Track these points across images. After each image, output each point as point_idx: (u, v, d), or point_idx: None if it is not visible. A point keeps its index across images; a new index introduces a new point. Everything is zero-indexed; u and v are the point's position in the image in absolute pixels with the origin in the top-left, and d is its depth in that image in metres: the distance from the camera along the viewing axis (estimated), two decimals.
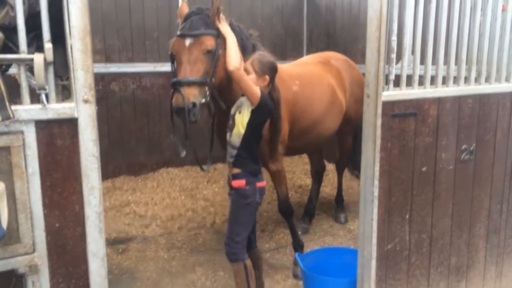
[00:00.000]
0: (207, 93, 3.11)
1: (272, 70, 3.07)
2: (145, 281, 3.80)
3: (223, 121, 3.67)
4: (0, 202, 1.78)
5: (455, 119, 2.93)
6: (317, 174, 5.12)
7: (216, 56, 3.13)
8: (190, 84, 3.01)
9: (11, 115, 1.86)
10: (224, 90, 3.36)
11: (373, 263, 2.80)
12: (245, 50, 3.44)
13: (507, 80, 3.21)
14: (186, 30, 3.14)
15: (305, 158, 6.63)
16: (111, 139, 6.09)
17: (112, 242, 4.39)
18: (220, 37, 3.17)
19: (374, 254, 2.79)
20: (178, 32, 3.19)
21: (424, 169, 2.87)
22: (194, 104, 2.99)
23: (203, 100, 3.07)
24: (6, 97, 1.85)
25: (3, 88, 1.84)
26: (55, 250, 2.03)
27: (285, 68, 4.24)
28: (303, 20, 7.48)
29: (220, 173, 6.52)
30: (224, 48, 3.17)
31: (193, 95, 2.99)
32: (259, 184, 3.13)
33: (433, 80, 2.86)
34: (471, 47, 3.01)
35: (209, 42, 3.11)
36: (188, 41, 3.09)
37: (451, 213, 3.06)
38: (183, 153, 3.30)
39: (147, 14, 6.14)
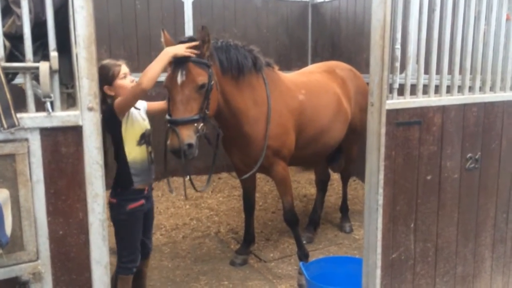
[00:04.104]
0: (202, 126, 3.14)
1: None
2: None
3: (229, 136, 3.69)
4: (4, 209, 1.78)
5: (459, 128, 2.92)
6: (322, 183, 5.10)
7: (209, 88, 3.15)
8: (185, 123, 3.03)
9: (16, 123, 1.87)
10: (218, 116, 3.46)
11: (378, 272, 2.77)
12: (244, 67, 3.48)
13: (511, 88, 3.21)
14: (178, 62, 3.08)
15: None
16: None
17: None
18: (211, 68, 3.19)
19: (379, 263, 2.77)
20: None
21: (429, 177, 2.85)
22: (190, 145, 3.03)
23: (198, 134, 3.11)
24: (11, 105, 1.86)
25: (8, 96, 1.86)
26: (58, 257, 2.03)
27: (291, 77, 4.26)
28: (308, 30, 7.52)
29: (225, 183, 6.52)
30: (216, 79, 3.22)
31: (187, 136, 3.01)
32: None
33: (437, 89, 2.86)
34: (476, 56, 3.01)
35: (200, 78, 3.11)
36: (179, 78, 3.08)
37: (456, 222, 3.04)
38: (174, 193, 3.58)
39: (153, 25, 6.20)
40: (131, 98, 2.81)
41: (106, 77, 2.86)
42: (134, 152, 2.94)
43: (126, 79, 2.93)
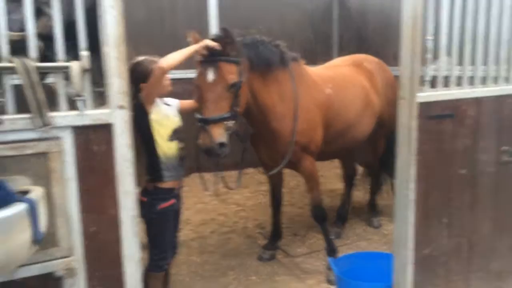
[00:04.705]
0: (233, 124, 3.13)
1: None
2: (178, 285, 3.82)
3: (257, 132, 3.66)
4: (39, 206, 1.82)
5: (494, 120, 2.83)
6: (349, 178, 5.04)
7: (239, 86, 3.13)
8: (216, 122, 3.02)
9: (49, 122, 1.91)
10: (246, 113, 3.41)
11: (410, 268, 2.73)
12: (272, 63, 3.45)
13: None
14: (208, 61, 3.10)
15: (335, 161, 6.55)
16: None
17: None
18: (240, 65, 3.17)
19: (410, 259, 2.72)
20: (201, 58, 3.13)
21: (462, 171, 2.78)
22: (222, 144, 3.02)
23: (229, 132, 3.10)
24: (44, 105, 1.90)
25: (42, 95, 1.90)
26: (91, 253, 2.06)
27: (317, 71, 4.21)
28: (333, 24, 7.43)
29: (251, 178, 6.52)
30: (246, 76, 3.20)
31: (219, 135, 3.01)
32: None
33: (470, 80, 2.78)
34: (511, 45, 2.90)
35: (231, 76, 3.09)
36: (210, 77, 3.06)
37: (491, 217, 2.95)
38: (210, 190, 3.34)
39: (179, 23, 6.23)
40: (154, 81, 2.80)
41: (144, 75, 2.85)
42: (165, 147, 2.93)
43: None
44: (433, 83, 2.62)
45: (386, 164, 5.03)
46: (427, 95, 2.59)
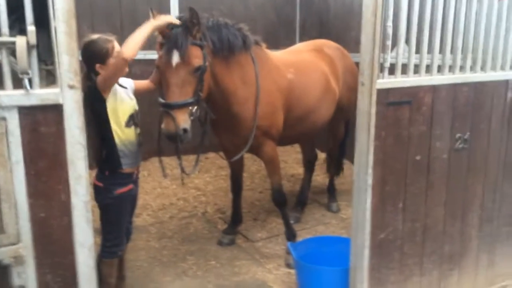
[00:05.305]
0: (196, 109, 3.07)
1: None
2: (136, 271, 3.75)
3: (218, 117, 3.59)
4: None
5: (449, 108, 2.89)
6: (309, 163, 5.08)
7: (204, 70, 3.07)
8: (180, 107, 2.95)
9: None
10: (210, 98, 3.36)
11: (366, 252, 2.78)
12: (234, 47, 3.38)
13: (502, 68, 3.18)
14: (172, 44, 2.99)
15: (297, 147, 6.59)
16: None
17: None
18: (205, 49, 3.09)
19: (367, 243, 2.76)
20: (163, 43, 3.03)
21: (418, 158, 2.84)
22: (185, 130, 2.96)
23: (192, 118, 3.04)
24: None
25: None
26: (40, 240, 1.97)
27: (279, 55, 4.19)
28: (296, 8, 7.40)
29: (212, 162, 6.47)
30: (210, 60, 3.13)
31: (183, 120, 2.95)
32: None
33: (428, 68, 2.82)
34: (467, 35, 2.97)
35: (196, 60, 3.02)
36: (174, 60, 2.97)
37: (444, 202, 3.04)
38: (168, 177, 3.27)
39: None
40: (114, 71, 2.66)
41: (99, 55, 2.69)
42: (122, 133, 2.81)
43: None
44: (391, 70, 2.64)
45: (345, 149, 5.11)
46: (386, 81, 2.61)
